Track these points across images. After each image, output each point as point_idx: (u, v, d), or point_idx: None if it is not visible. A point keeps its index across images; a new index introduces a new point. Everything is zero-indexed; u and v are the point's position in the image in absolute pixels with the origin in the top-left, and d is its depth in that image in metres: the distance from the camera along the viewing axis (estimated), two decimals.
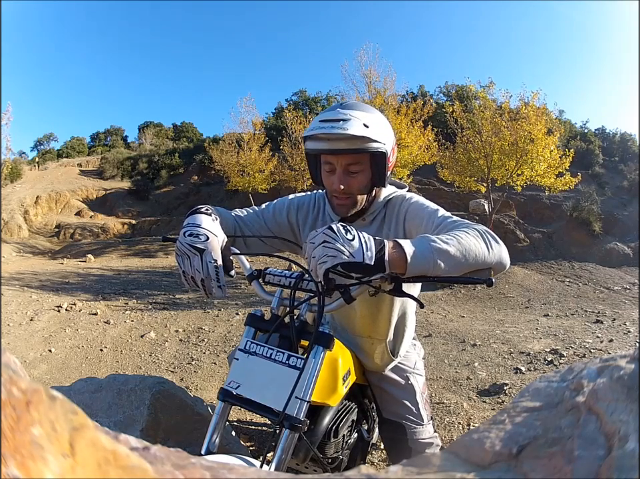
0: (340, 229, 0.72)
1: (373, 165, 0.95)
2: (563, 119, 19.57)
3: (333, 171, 0.96)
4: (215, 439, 0.80)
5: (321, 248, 0.71)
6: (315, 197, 1.15)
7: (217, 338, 3.81)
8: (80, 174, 23.37)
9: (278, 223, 1.11)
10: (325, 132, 0.88)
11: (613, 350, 3.23)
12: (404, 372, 1.20)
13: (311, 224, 1.12)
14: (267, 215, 1.12)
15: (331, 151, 0.92)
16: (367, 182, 0.97)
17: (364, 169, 0.95)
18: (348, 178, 0.95)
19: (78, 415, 0.22)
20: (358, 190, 0.97)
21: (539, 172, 8.01)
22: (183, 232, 0.84)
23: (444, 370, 2.93)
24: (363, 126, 0.88)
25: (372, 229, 1.05)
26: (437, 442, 1.18)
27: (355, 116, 0.88)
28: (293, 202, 1.14)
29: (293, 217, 1.13)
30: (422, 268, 0.74)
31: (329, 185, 0.98)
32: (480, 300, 5.99)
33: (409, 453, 1.14)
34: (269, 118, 22.99)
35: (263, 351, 0.81)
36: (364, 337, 1.13)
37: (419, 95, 18.70)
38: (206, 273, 0.80)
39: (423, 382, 1.22)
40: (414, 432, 1.15)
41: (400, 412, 1.16)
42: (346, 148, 0.90)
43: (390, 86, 9.96)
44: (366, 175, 0.96)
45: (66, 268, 8.39)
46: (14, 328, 3.96)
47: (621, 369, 0.29)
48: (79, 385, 1.61)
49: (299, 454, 0.90)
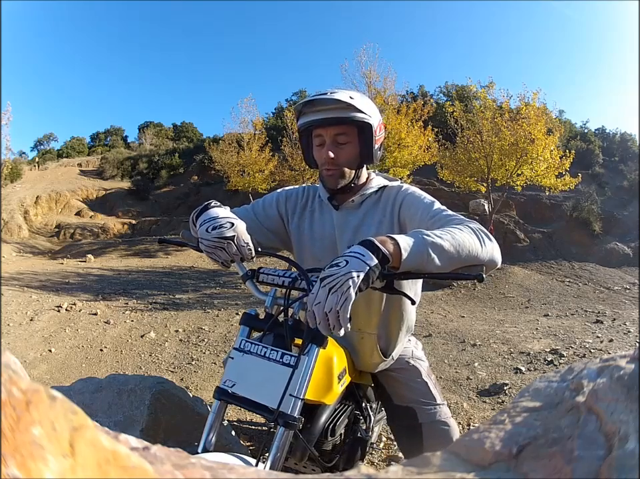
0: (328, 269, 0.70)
1: (360, 138, 1.01)
2: (563, 119, 19.57)
3: (323, 144, 1.01)
4: (212, 437, 0.80)
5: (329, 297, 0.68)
6: (304, 188, 1.20)
7: (217, 338, 3.81)
8: (80, 174, 23.37)
9: (269, 217, 1.15)
10: (315, 98, 0.97)
11: (613, 350, 3.23)
12: (403, 358, 1.18)
13: (299, 213, 1.15)
14: (258, 209, 1.15)
15: (319, 121, 0.98)
16: (355, 155, 1.03)
17: (352, 141, 1.01)
18: (337, 149, 1.00)
19: (78, 415, 0.22)
20: (347, 162, 1.02)
21: (539, 172, 8.01)
22: (204, 229, 0.86)
23: (444, 370, 2.93)
24: (349, 97, 0.96)
25: (360, 212, 1.07)
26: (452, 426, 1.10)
27: (341, 90, 0.99)
28: (281, 194, 1.19)
29: (282, 208, 1.16)
30: (416, 261, 0.74)
31: (319, 158, 1.04)
32: (480, 300, 5.99)
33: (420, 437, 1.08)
34: (269, 118, 23.00)
35: (257, 350, 0.82)
36: (354, 331, 1.11)
37: (419, 95, 18.71)
38: (243, 254, 0.86)
39: (427, 367, 1.20)
40: (426, 413, 1.10)
41: (408, 394, 1.13)
42: (334, 116, 0.97)
43: (390, 86, 9.97)
44: (354, 148, 1.02)
45: (66, 268, 8.39)
46: (14, 328, 3.96)
47: (621, 369, 0.29)
48: (79, 385, 1.61)
49: (296, 453, 0.90)
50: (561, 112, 21.45)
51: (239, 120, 12.83)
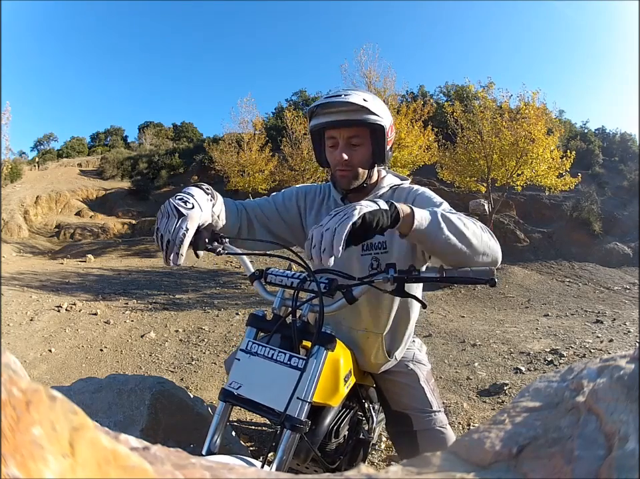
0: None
1: (373, 139, 1.02)
2: (563, 119, 19.57)
3: (336, 145, 1.02)
4: (216, 439, 0.79)
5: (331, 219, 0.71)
6: (321, 186, 1.21)
7: (217, 338, 3.81)
8: (80, 174, 23.36)
9: (287, 208, 1.16)
10: (329, 102, 0.97)
11: (613, 350, 3.23)
12: (404, 361, 1.19)
13: (316, 208, 1.16)
14: (278, 200, 1.16)
15: (333, 123, 0.98)
16: (368, 156, 1.03)
17: (365, 142, 1.02)
18: (350, 150, 1.01)
19: (78, 415, 0.22)
20: (360, 163, 1.03)
21: (540, 172, 8.01)
22: (175, 195, 0.85)
23: (444, 370, 2.93)
24: (362, 100, 0.96)
25: None
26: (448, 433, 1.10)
27: (355, 92, 0.98)
28: (300, 189, 1.22)
29: (301, 202, 1.18)
30: (427, 227, 0.80)
31: (332, 159, 1.04)
32: (480, 300, 5.99)
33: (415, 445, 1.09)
34: (269, 118, 23.00)
35: (264, 352, 0.81)
36: (360, 331, 1.11)
37: (419, 95, 18.72)
38: (174, 236, 0.79)
39: (427, 371, 1.20)
40: (420, 421, 1.10)
41: (405, 400, 1.14)
42: (347, 118, 0.97)
43: (390, 86, 9.96)
44: (367, 149, 1.02)
45: (66, 268, 8.39)
46: (14, 328, 3.96)
47: (621, 369, 0.29)
48: (79, 385, 1.61)
49: (300, 454, 0.89)
50: (561, 112, 21.48)
51: (239, 120, 12.85)
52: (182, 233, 0.79)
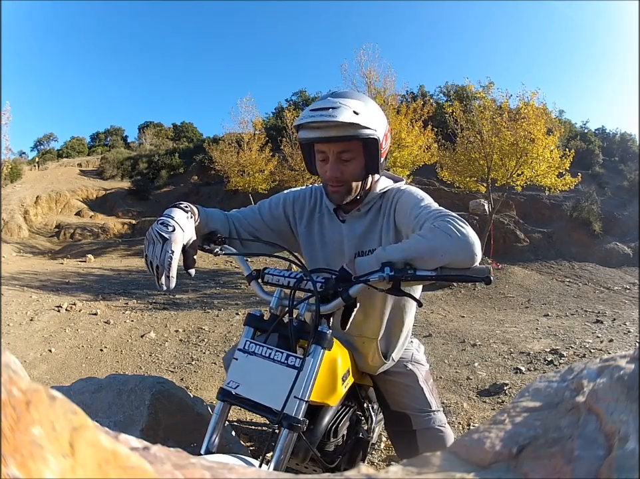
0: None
1: (366, 152, 0.96)
2: (563, 119, 19.56)
3: (326, 159, 0.97)
4: (215, 439, 0.80)
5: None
6: (311, 190, 1.15)
7: (217, 338, 3.81)
8: (80, 174, 23.35)
9: (274, 217, 1.12)
10: (315, 120, 0.88)
11: (613, 350, 3.23)
12: (402, 361, 1.18)
13: (307, 217, 1.12)
14: (264, 210, 1.12)
15: (322, 139, 0.92)
16: (360, 169, 0.98)
17: (357, 156, 0.96)
18: (341, 166, 0.96)
19: (78, 415, 0.22)
20: (352, 177, 0.98)
21: (540, 172, 8.01)
22: (157, 220, 0.87)
23: (444, 370, 2.93)
24: (353, 113, 0.88)
25: (367, 220, 1.05)
26: (447, 432, 1.10)
27: (345, 104, 0.89)
28: (288, 196, 1.15)
29: (289, 210, 1.13)
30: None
31: (323, 174, 1.00)
32: (480, 300, 5.99)
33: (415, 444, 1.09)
34: (269, 118, 22.98)
35: (262, 351, 0.81)
36: (354, 336, 1.11)
37: (419, 95, 18.68)
38: (161, 260, 0.82)
39: (426, 371, 1.20)
40: (420, 420, 1.10)
41: (404, 400, 1.14)
42: (337, 135, 0.90)
43: (390, 86, 9.95)
44: (359, 162, 0.97)
45: (66, 268, 8.39)
46: (14, 328, 3.96)
47: (621, 369, 0.29)
48: (79, 385, 1.61)
49: (299, 453, 0.90)
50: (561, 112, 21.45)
51: (239, 120, 12.84)
52: (168, 256, 0.82)
